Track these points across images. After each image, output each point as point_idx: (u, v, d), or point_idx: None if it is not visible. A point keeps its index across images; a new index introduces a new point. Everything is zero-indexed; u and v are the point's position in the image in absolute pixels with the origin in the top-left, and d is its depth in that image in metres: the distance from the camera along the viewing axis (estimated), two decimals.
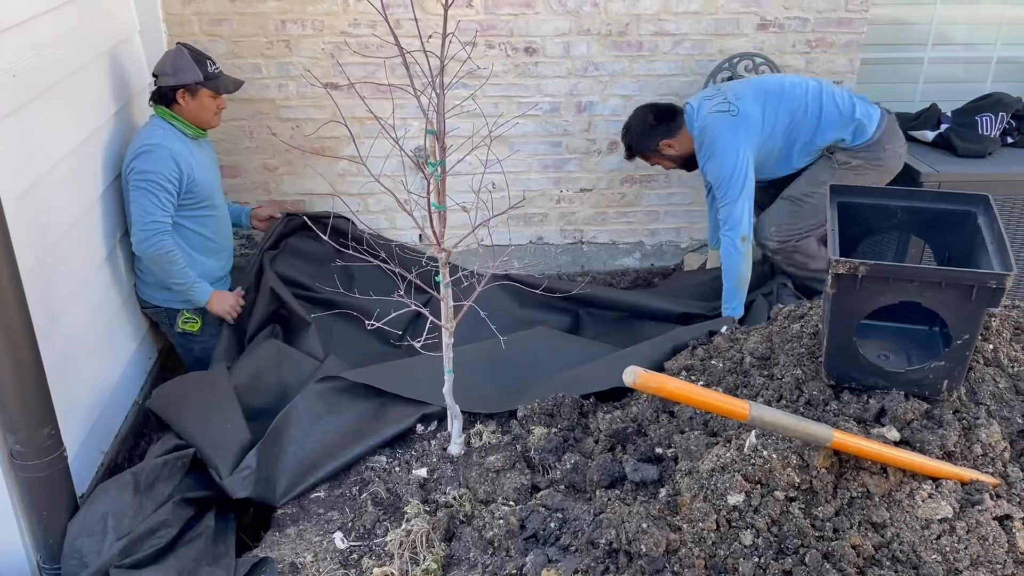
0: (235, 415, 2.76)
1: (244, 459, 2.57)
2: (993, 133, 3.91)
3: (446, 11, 2.10)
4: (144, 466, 2.52)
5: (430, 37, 2.17)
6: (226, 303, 3.39)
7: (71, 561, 2.31)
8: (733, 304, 3.47)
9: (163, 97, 3.22)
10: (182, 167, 3.17)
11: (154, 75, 3.25)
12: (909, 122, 4.10)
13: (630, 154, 3.72)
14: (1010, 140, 3.98)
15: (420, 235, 4.17)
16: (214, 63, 3.28)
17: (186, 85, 3.18)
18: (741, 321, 3.36)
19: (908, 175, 3.75)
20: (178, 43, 3.28)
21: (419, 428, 2.81)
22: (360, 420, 2.79)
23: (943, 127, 3.97)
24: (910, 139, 4.04)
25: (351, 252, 2.64)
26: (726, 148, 3.39)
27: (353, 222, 3.74)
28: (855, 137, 3.45)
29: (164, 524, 2.42)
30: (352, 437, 2.72)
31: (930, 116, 4.05)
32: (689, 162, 3.64)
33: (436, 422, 2.83)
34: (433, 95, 2.20)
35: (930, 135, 3.99)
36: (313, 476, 2.62)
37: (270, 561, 2.35)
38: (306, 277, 3.65)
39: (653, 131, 3.58)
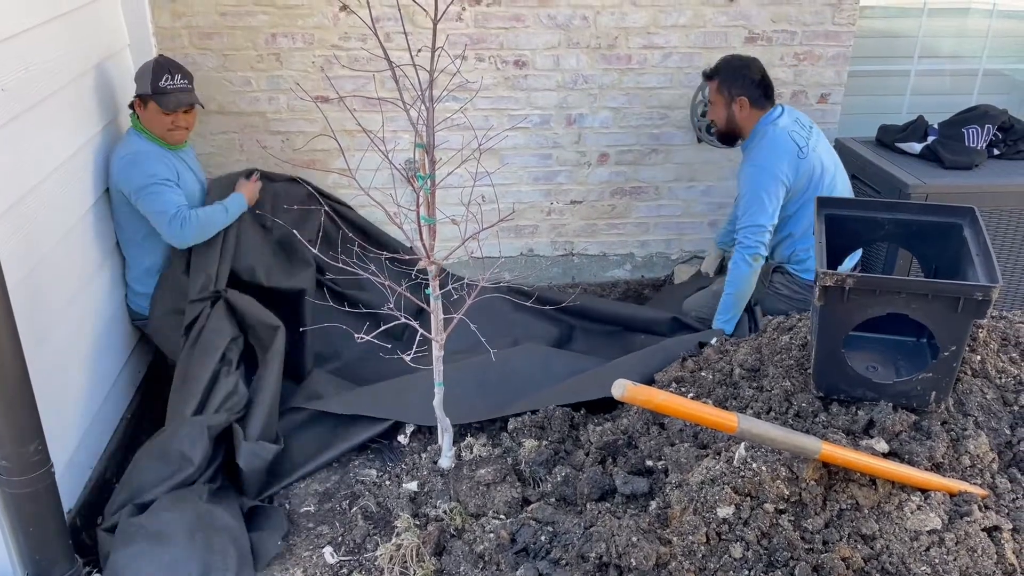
0: None
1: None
2: (980, 145, 3.94)
3: (435, 25, 2.11)
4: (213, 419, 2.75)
5: (419, 51, 2.18)
6: (254, 192, 3.48)
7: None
8: (726, 317, 3.44)
9: (132, 104, 3.24)
10: (166, 162, 3.19)
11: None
12: (896, 134, 4.13)
13: (711, 75, 3.52)
14: (996, 152, 4.01)
15: (411, 247, 4.16)
16: (173, 79, 3.15)
17: (140, 95, 3.18)
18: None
19: (895, 187, 3.78)
20: (159, 55, 3.27)
21: (401, 439, 2.82)
22: (336, 425, 2.89)
23: (930, 139, 4.00)
24: (897, 151, 4.07)
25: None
26: (771, 169, 3.30)
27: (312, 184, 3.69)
28: (807, 271, 3.45)
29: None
30: (328, 440, 2.83)
31: (917, 128, 4.08)
32: (730, 136, 3.56)
33: (414, 429, 2.88)
34: (423, 108, 2.20)
35: (917, 147, 4.02)
36: (289, 477, 2.74)
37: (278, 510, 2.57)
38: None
39: (749, 84, 3.41)
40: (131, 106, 3.24)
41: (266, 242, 3.51)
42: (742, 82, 3.41)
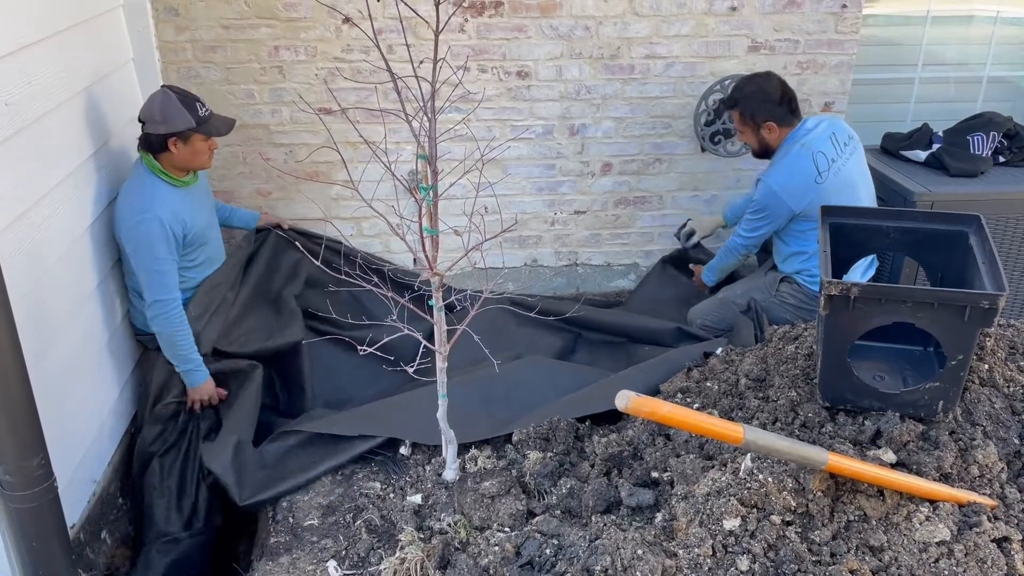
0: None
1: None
2: (985, 152, 3.92)
3: (437, 36, 2.11)
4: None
5: (421, 62, 2.18)
6: (204, 394, 3.16)
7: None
8: (711, 275, 3.79)
9: (152, 145, 3.02)
10: (175, 226, 3.05)
11: (141, 120, 3.03)
12: (901, 142, 4.12)
13: (731, 104, 3.50)
14: (1002, 159, 3.99)
15: (414, 259, 4.16)
16: (203, 104, 3.08)
17: (178, 133, 2.99)
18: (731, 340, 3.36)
19: (900, 195, 3.76)
20: (163, 86, 3.08)
21: (403, 450, 2.81)
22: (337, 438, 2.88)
23: (935, 147, 3.99)
24: (902, 159, 4.06)
25: (344, 276, 2.65)
26: (779, 193, 3.31)
27: (344, 245, 3.74)
28: (817, 283, 3.44)
29: None
30: (321, 454, 2.83)
31: (922, 136, 4.07)
32: (766, 153, 3.52)
33: (415, 445, 2.87)
34: (425, 120, 2.20)
35: (922, 155, 4.01)
36: (280, 487, 2.75)
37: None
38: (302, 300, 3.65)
39: (771, 107, 3.38)
40: (147, 146, 3.05)
41: (259, 316, 3.50)
42: (764, 107, 3.39)
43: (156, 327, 3.05)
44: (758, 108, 3.39)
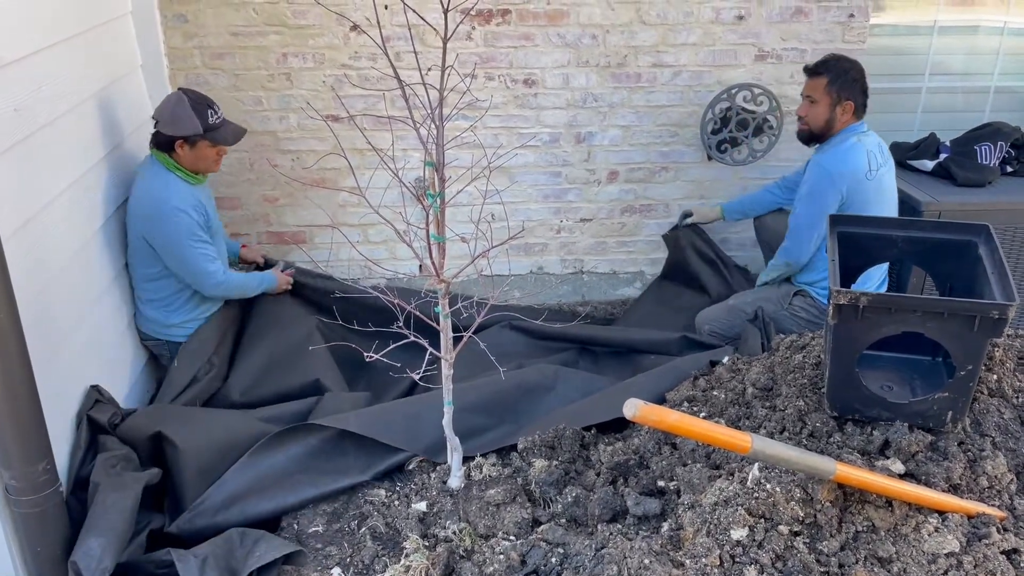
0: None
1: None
2: (992, 162, 3.91)
3: (445, 44, 2.12)
4: None
5: (429, 70, 2.18)
6: (284, 281, 3.65)
7: None
8: (764, 276, 3.70)
9: (161, 144, 3.13)
10: (198, 211, 3.19)
11: (154, 119, 3.16)
12: (908, 151, 4.11)
13: (818, 71, 3.41)
14: (1009, 169, 3.99)
15: (420, 266, 4.17)
16: (216, 111, 3.15)
17: (185, 136, 3.08)
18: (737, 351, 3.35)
19: (908, 204, 3.75)
20: (179, 89, 3.17)
21: (411, 467, 2.78)
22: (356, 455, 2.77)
23: (942, 156, 3.98)
24: (909, 168, 4.05)
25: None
26: (842, 175, 3.29)
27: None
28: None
29: None
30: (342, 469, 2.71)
31: (929, 145, 4.06)
32: (818, 137, 3.47)
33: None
34: (432, 127, 2.20)
35: (929, 164, 4.00)
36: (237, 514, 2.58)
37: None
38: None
39: (859, 91, 3.36)
40: (156, 144, 3.16)
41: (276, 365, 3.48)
42: (854, 86, 3.36)
43: (224, 295, 3.40)
44: (849, 83, 3.36)
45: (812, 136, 3.48)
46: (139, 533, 2.46)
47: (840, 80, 3.36)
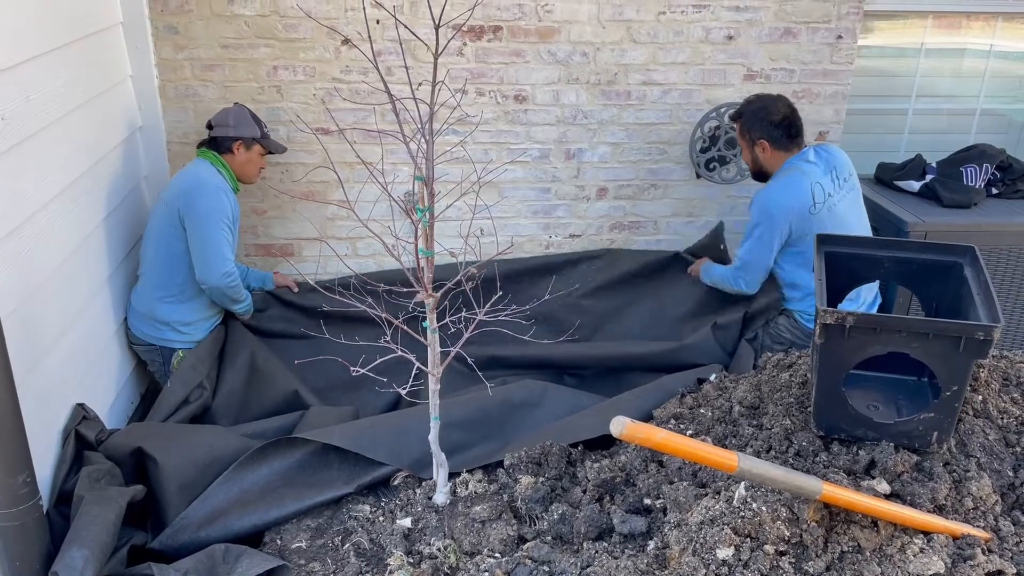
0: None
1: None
2: (978, 184, 3.95)
3: (436, 59, 2.12)
4: None
5: (420, 85, 2.18)
6: (287, 280, 3.85)
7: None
8: (707, 275, 3.76)
9: (219, 146, 3.43)
10: (232, 205, 3.41)
11: (209, 126, 3.46)
12: (894, 172, 4.15)
13: (735, 117, 3.55)
14: (995, 191, 4.02)
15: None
16: (268, 128, 3.56)
17: (244, 138, 3.43)
18: (728, 368, 3.35)
19: (894, 224, 3.78)
20: (236, 103, 3.54)
21: (396, 482, 2.76)
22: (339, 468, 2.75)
23: (928, 177, 4.02)
24: (896, 189, 4.09)
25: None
26: (782, 208, 3.31)
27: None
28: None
29: None
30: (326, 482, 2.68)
31: (915, 166, 4.10)
32: (761, 175, 3.53)
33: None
34: (422, 141, 2.20)
35: (915, 185, 4.04)
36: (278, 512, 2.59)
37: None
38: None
39: (768, 126, 3.40)
40: (211, 145, 3.44)
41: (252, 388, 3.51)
42: (760, 125, 3.41)
43: (223, 287, 3.40)
44: (755, 124, 3.42)
45: (757, 176, 3.58)
46: (120, 548, 2.43)
47: (747, 123, 3.45)
